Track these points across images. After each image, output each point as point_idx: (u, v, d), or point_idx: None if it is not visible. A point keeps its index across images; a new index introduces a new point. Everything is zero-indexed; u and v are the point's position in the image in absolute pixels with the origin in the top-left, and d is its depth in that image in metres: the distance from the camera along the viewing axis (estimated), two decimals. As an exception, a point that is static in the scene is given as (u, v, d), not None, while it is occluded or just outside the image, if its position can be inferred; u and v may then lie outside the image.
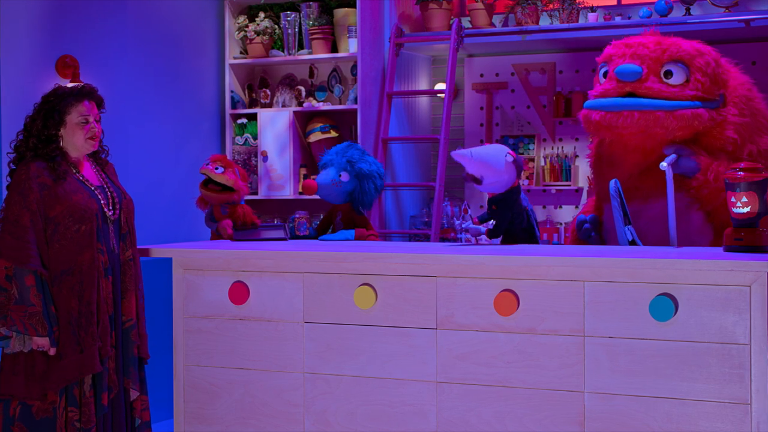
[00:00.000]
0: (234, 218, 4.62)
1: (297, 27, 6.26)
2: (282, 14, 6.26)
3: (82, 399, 3.79)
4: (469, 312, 3.62)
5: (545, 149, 6.43)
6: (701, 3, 5.71)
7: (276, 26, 6.34)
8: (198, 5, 6.24)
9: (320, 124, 6.22)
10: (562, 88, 6.39)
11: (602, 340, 3.43)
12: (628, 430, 3.39)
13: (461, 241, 3.98)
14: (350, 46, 6.11)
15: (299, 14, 6.26)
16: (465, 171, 3.99)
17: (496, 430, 3.58)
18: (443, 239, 5.97)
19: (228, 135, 6.38)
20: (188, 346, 4.08)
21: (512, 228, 4.11)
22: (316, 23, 6.19)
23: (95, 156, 4.04)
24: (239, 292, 3.97)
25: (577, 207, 6.33)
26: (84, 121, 3.90)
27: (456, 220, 3.98)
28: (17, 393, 3.77)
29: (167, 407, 4.53)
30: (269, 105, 6.38)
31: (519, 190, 4.09)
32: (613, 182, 4.04)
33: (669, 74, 4.17)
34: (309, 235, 4.79)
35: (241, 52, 6.42)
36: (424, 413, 3.69)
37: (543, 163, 6.36)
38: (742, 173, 3.57)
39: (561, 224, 6.33)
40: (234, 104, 6.39)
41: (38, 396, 3.76)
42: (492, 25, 6.21)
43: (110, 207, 3.93)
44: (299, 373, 3.90)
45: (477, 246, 3.93)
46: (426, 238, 6.08)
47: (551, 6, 6.02)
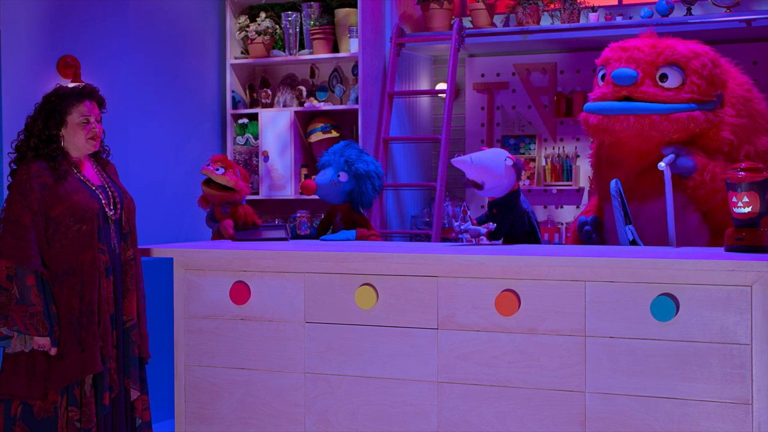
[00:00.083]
0: (235, 218, 4.62)
1: (298, 27, 6.26)
2: (283, 14, 6.26)
3: (83, 399, 3.79)
4: (470, 312, 3.62)
5: (546, 149, 6.43)
6: (702, 3, 5.70)
7: (277, 26, 6.33)
8: (199, 5, 6.24)
9: (321, 124, 6.22)
10: (563, 88, 6.39)
11: (603, 340, 3.43)
12: (629, 430, 3.39)
13: (462, 242, 3.97)
14: (351, 46, 6.11)
15: (300, 14, 6.26)
16: (465, 177, 4.00)
17: (497, 430, 3.58)
18: (444, 239, 5.97)
19: (229, 135, 6.37)
20: (189, 346, 4.08)
21: (513, 231, 4.11)
22: (317, 23, 6.19)
23: (96, 156, 4.04)
24: (240, 292, 3.97)
25: (578, 207, 6.33)
26: (85, 122, 3.90)
27: (454, 222, 3.97)
28: (18, 393, 3.77)
29: (168, 407, 4.53)
30: (270, 105, 6.37)
31: (519, 193, 4.09)
32: (614, 182, 4.04)
33: (664, 77, 4.16)
34: (310, 235, 4.79)
35: (242, 52, 6.42)
36: (425, 413, 3.69)
37: (544, 163, 6.36)
38: (744, 173, 3.57)
39: (562, 224, 6.33)
40: (235, 104, 6.38)
41: (39, 396, 3.76)
42: (493, 25, 6.21)
43: (111, 207, 3.93)
44: (300, 373, 3.89)
45: (478, 246, 3.93)
46: (427, 238, 6.08)
47: (552, 6, 6.01)
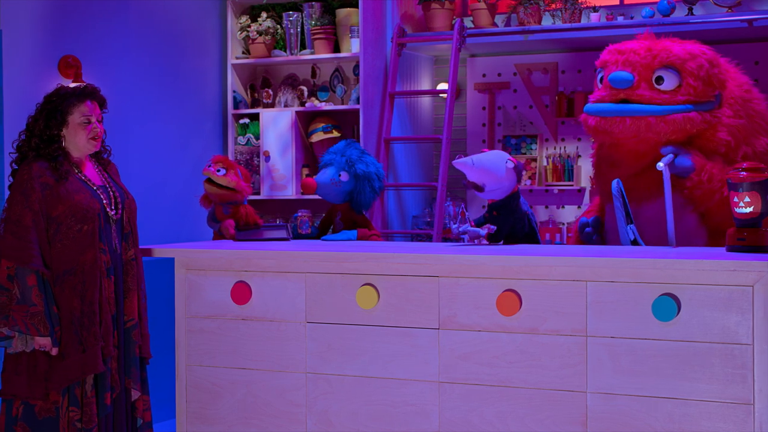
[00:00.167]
0: (237, 218, 4.61)
1: (299, 27, 6.26)
2: (284, 14, 6.25)
3: (84, 399, 3.79)
4: (472, 312, 3.62)
5: (547, 149, 6.42)
6: (704, 3, 5.70)
7: (278, 26, 6.33)
8: (200, 5, 6.24)
9: (322, 124, 6.21)
10: (565, 88, 6.38)
11: (604, 340, 3.43)
12: (631, 431, 3.39)
13: (463, 241, 3.97)
14: (352, 46, 6.11)
15: (301, 14, 6.26)
16: (466, 178, 3.99)
17: (499, 430, 3.58)
18: (445, 239, 5.97)
19: (230, 135, 6.37)
20: (190, 346, 4.07)
21: (514, 232, 4.11)
22: (319, 23, 6.19)
23: (97, 156, 4.04)
24: (241, 292, 3.96)
25: (580, 207, 6.33)
26: (86, 122, 3.90)
27: (452, 225, 3.97)
28: (20, 393, 3.77)
29: (169, 407, 4.53)
30: (271, 105, 6.37)
31: (519, 195, 4.09)
32: (616, 182, 4.04)
33: (660, 80, 4.16)
34: (311, 234, 4.78)
35: (244, 52, 6.41)
36: (427, 413, 3.69)
37: (545, 163, 6.35)
38: (745, 173, 3.57)
39: (563, 224, 6.33)
40: (236, 104, 6.38)
41: (41, 396, 3.76)
42: (494, 25, 6.21)
43: (112, 207, 3.93)
44: (301, 373, 3.89)
45: (479, 246, 3.93)
46: (428, 238, 6.08)
47: (554, 6, 6.01)
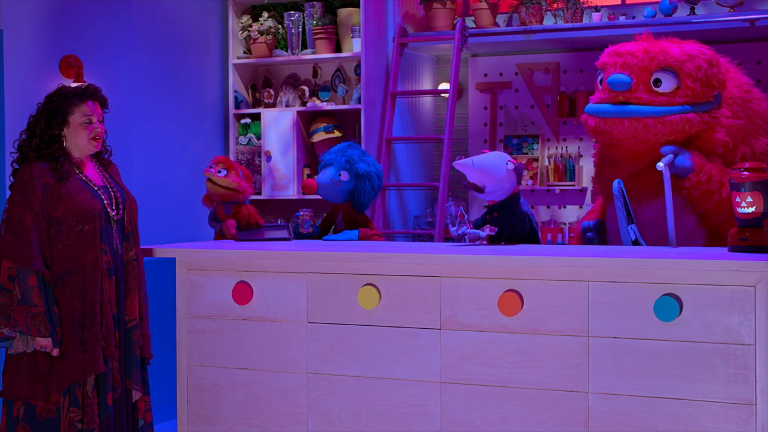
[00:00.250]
0: (238, 218, 4.61)
1: (300, 27, 6.25)
2: (285, 14, 6.25)
3: (85, 400, 3.78)
4: (473, 312, 3.61)
5: (549, 149, 6.42)
6: (706, 2, 5.69)
7: (279, 26, 6.33)
8: (201, 5, 6.24)
9: (324, 124, 6.21)
10: (566, 88, 6.38)
11: (606, 341, 3.42)
12: (633, 431, 3.38)
13: (465, 242, 3.96)
14: (354, 46, 6.11)
15: (303, 14, 6.25)
16: (466, 179, 3.99)
17: (500, 431, 3.57)
18: (447, 239, 5.96)
19: (231, 135, 6.37)
20: (192, 346, 4.07)
21: (515, 233, 4.10)
22: (320, 23, 6.18)
23: (98, 156, 4.03)
24: (243, 292, 3.96)
25: (581, 207, 6.32)
26: (87, 122, 3.89)
27: (451, 227, 3.96)
28: (21, 393, 3.76)
29: (170, 407, 4.52)
30: (273, 105, 6.37)
31: (519, 196, 4.08)
32: (617, 182, 4.03)
33: (658, 82, 4.15)
34: (313, 233, 4.78)
35: (245, 52, 6.41)
36: (428, 414, 3.68)
37: (547, 163, 6.35)
38: (748, 173, 3.56)
39: (565, 224, 6.32)
40: (237, 104, 6.38)
41: (42, 396, 3.76)
42: (496, 25, 6.20)
43: (113, 207, 3.92)
44: (303, 374, 3.89)
45: (481, 246, 3.92)
46: (430, 238, 6.07)
47: (555, 6, 6.00)
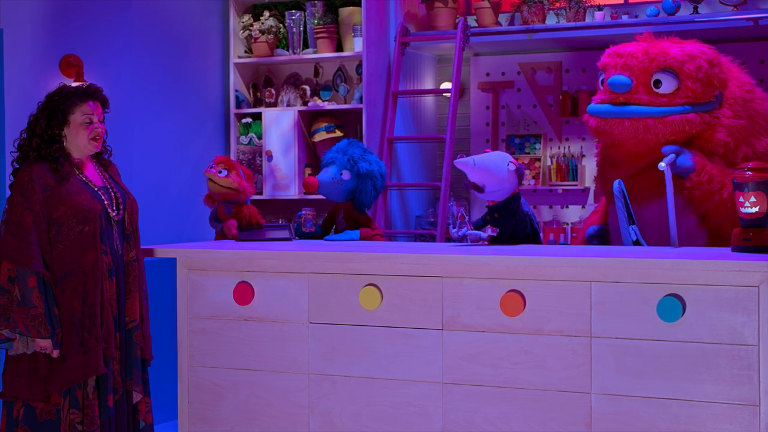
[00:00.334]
0: (239, 218, 4.60)
1: (302, 26, 6.24)
2: (287, 13, 6.24)
3: (85, 401, 3.77)
4: (475, 312, 3.60)
5: (552, 149, 6.40)
6: (709, 1, 5.68)
7: (281, 25, 6.32)
8: (202, 4, 6.23)
9: (325, 124, 6.20)
10: (569, 87, 6.36)
11: (609, 341, 3.41)
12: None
13: (466, 242, 3.95)
14: (355, 45, 6.09)
15: (304, 13, 6.24)
16: (467, 178, 3.98)
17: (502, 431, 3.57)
18: (449, 239, 5.95)
19: (232, 134, 6.36)
20: (193, 347, 4.06)
21: (516, 234, 4.09)
22: (321, 22, 6.17)
23: (98, 156, 4.02)
24: (244, 293, 3.95)
25: (584, 207, 6.31)
26: (88, 121, 3.88)
27: (452, 229, 3.95)
28: (21, 395, 3.75)
29: (171, 408, 4.52)
30: (274, 104, 6.36)
31: (519, 197, 4.07)
32: (617, 183, 4.02)
33: (658, 83, 4.14)
34: (315, 232, 4.77)
35: (246, 52, 6.40)
36: (430, 414, 3.67)
37: (549, 163, 6.33)
38: (751, 173, 3.55)
39: (567, 224, 6.31)
40: (238, 104, 6.37)
41: (42, 398, 3.75)
42: (498, 24, 6.19)
43: (114, 207, 3.91)
44: (304, 374, 3.88)
45: (483, 246, 3.91)
46: (431, 239, 6.06)
47: (558, 5, 5.99)
